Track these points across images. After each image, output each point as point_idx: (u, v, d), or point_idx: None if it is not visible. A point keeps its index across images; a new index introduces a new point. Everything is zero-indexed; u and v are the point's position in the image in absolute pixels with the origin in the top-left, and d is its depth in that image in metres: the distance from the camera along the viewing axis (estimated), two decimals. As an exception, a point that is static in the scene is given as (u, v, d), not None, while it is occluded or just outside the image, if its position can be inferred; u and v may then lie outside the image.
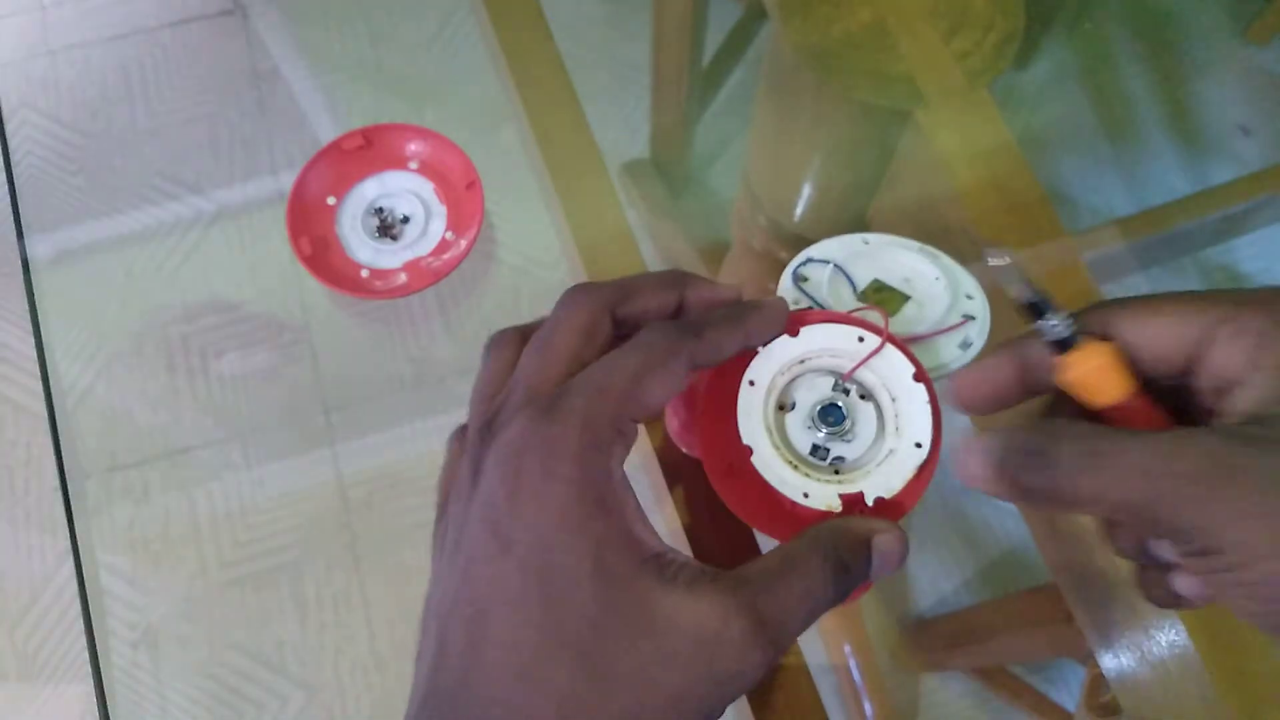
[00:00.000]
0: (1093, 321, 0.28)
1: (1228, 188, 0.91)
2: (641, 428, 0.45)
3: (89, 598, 0.55)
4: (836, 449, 0.32)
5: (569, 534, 0.25)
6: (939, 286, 0.36)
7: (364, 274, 0.56)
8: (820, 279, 0.36)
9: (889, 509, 0.30)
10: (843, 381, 0.33)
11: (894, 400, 0.32)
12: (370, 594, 0.89)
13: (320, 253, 0.56)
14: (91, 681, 0.54)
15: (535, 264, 0.58)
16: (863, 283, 0.37)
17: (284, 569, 0.91)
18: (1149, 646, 0.40)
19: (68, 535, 0.56)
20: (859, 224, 0.57)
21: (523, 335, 0.31)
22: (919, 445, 0.31)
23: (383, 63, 0.83)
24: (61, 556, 1.01)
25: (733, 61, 0.84)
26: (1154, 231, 0.81)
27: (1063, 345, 0.28)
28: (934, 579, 0.93)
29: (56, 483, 0.58)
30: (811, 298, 0.36)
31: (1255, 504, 0.22)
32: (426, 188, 0.58)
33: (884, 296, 0.36)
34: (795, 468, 0.31)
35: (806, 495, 0.30)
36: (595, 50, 0.75)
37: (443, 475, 0.31)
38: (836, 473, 0.32)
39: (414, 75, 0.81)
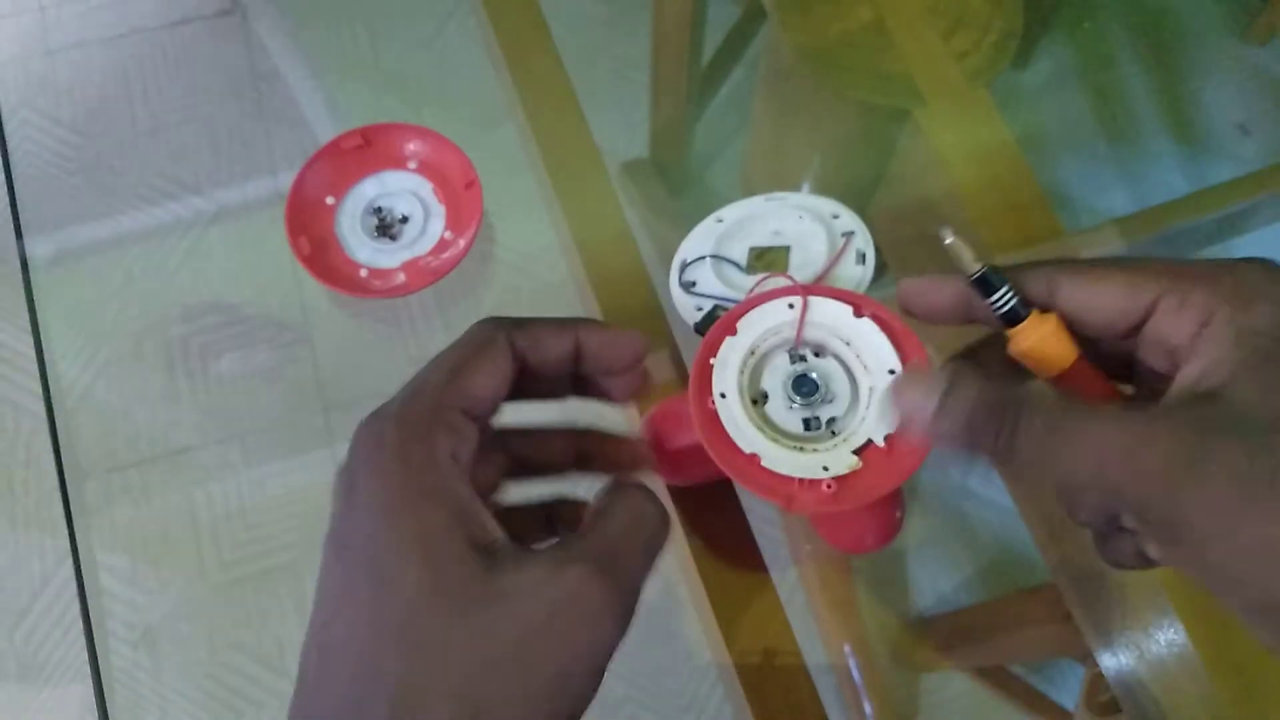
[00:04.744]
0: (1038, 280, 0.28)
1: (1227, 187, 0.91)
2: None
3: (88, 598, 0.55)
4: (825, 413, 0.32)
5: (394, 525, 0.25)
6: (806, 222, 0.36)
7: (363, 274, 0.56)
8: (705, 276, 0.36)
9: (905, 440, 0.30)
10: (796, 350, 0.33)
11: (849, 344, 0.32)
12: (370, 594, 0.89)
13: (319, 252, 0.56)
14: (91, 681, 0.54)
15: (535, 263, 0.58)
16: (743, 257, 0.37)
17: (284, 569, 0.91)
18: (1149, 646, 0.40)
19: (67, 535, 0.56)
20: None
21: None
22: (893, 371, 0.31)
23: (382, 63, 0.83)
24: (61, 556, 1.01)
25: (732, 61, 0.84)
26: (1153, 231, 0.81)
27: (1010, 318, 0.29)
28: (934, 579, 0.93)
29: (56, 483, 0.58)
30: (708, 296, 0.36)
31: (1221, 497, 0.24)
32: (425, 187, 0.58)
33: (770, 258, 0.36)
34: (802, 449, 0.31)
35: (826, 469, 0.30)
36: (595, 50, 0.75)
37: None
38: (834, 434, 0.32)
39: (413, 75, 0.81)
